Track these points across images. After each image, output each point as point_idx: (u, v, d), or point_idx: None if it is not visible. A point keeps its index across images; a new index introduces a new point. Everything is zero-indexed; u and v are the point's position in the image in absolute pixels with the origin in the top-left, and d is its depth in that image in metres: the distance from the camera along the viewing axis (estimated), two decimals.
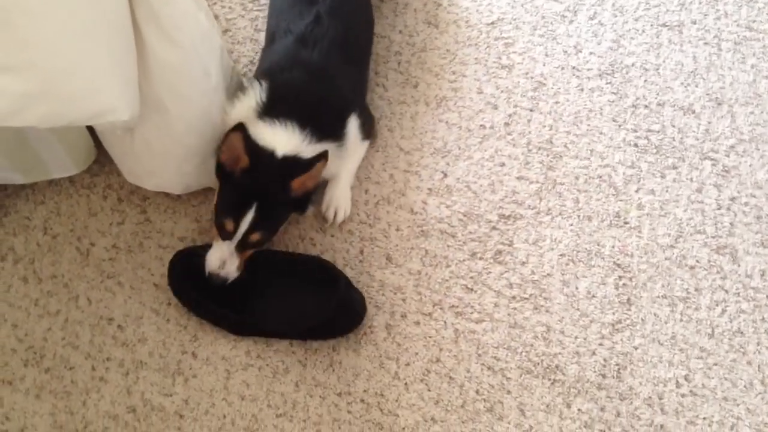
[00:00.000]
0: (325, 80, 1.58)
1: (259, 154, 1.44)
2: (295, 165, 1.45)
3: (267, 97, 1.52)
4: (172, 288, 1.57)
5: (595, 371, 1.50)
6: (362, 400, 1.48)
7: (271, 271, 1.55)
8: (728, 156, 1.73)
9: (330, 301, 1.46)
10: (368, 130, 1.69)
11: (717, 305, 1.56)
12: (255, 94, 1.53)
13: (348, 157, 1.64)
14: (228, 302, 1.53)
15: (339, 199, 1.64)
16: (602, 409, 1.46)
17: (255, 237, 1.46)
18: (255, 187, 1.44)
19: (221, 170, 1.48)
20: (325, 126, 1.52)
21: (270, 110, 1.50)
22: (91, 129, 1.63)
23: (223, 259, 1.47)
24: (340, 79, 1.60)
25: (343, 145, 1.58)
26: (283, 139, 1.47)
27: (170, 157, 1.53)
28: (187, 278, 1.55)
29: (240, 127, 1.40)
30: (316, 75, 1.57)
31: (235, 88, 1.58)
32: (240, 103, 1.54)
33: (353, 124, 1.61)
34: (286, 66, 1.58)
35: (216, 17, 1.89)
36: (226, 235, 1.46)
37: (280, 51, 1.62)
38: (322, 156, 1.44)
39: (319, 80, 1.57)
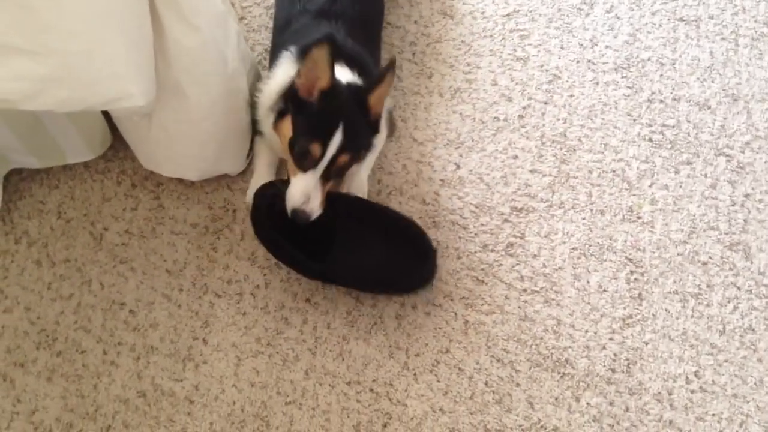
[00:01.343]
0: (353, 41, 1.57)
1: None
2: (363, 87, 1.42)
3: (301, 52, 1.50)
4: (254, 227, 1.53)
5: (604, 365, 1.50)
6: (371, 390, 1.48)
7: (357, 220, 1.51)
8: (743, 152, 1.72)
9: (417, 272, 1.50)
10: (386, 117, 1.69)
11: (729, 302, 1.56)
12: (289, 60, 1.52)
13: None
14: (308, 248, 1.49)
15: (356, 189, 1.64)
16: (611, 404, 1.46)
17: (343, 159, 1.40)
18: (338, 107, 1.39)
19: (294, 100, 1.42)
20: (367, 73, 1.51)
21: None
22: (106, 114, 1.64)
23: (307, 193, 1.39)
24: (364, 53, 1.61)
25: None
26: (339, 74, 1.44)
27: (187, 143, 1.53)
28: (269, 218, 1.50)
29: (328, 40, 1.34)
30: (344, 37, 1.56)
31: (252, 78, 1.58)
32: (273, 77, 1.53)
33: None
34: (312, 34, 1.56)
35: (232, 5, 1.89)
36: (309, 164, 1.39)
37: (300, 29, 1.61)
38: (390, 66, 1.38)
39: (351, 43, 1.57)
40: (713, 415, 1.45)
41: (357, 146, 1.43)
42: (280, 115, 1.47)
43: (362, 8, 1.64)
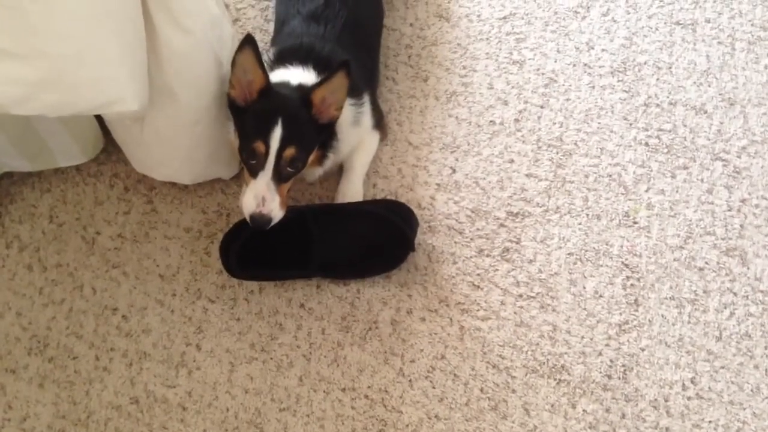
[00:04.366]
0: (337, 48, 1.57)
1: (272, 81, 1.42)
2: (312, 86, 1.40)
3: (276, 55, 1.53)
4: (235, 277, 1.56)
5: (600, 372, 1.49)
6: (366, 396, 1.47)
7: (328, 215, 1.54)
8: (740, 157, 1.71)
9: (401, 240, 1.54)
10: (379, 120, 1.68)
11: (725, 308, 1.55)
12: (264, 58, 1.50)
13: (360, 149, 1.64)
14: (290, 262, 1.53)
15: (351, 193, 1.63)
16: (607, 410, 1.46)
17: (290, 153, 1.37)
18: (277, 102, 1.39)
19: (234, 107, 1.43)
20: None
21: (281, 61, 1.51)
22: (99, 117, 1.63)
23: (260, 195, 1.37)
24: (352, 58, 1.59)
25: (361, 110, 1.56)
26: (297, 75, 1.45)
27: (179, 147, 1.52)
28: (244, 262, 1.53)
29: (248, 42, 1.33)
30: (329, 43, 1.56)
31: None
32: None
33: (367, 102, 1.60)
34: (297, 38, 1.57)
35: (226, 6, 1.87)
36: (257, 166, 1.38)
37: (289, 32, 1.61)
38: (344, 65, 1.36)
39: (332, 46, 1.56)
40: (710, 422, 1.45)
41: (302, 139, 1.40)
42: (233, 111, 1.47)
43: (357, 12, 1.63)
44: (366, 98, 1.59)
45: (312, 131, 1.43)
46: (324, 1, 1.60)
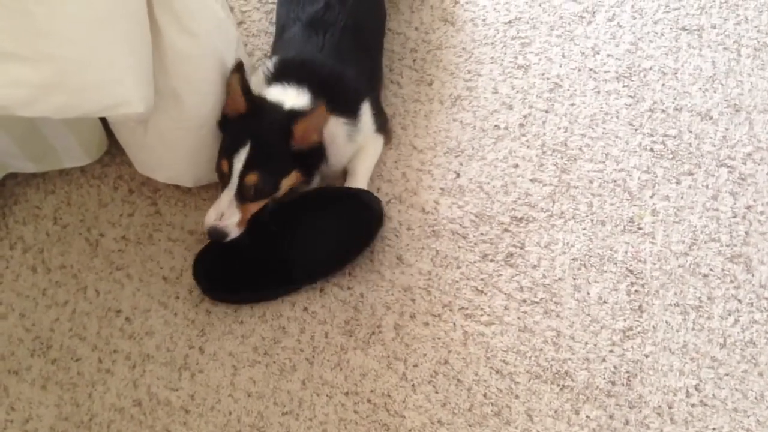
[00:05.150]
0: (336, 60, 1.58)
1: (262, 102, 1.46)
2: (292, 114, 1.44)
3: (275, 67, 1.54)
4: (208, 296, 1.57)
5: (604, 378, 1.48)
6: (369, 401, 1.47)
7: (290, 216, 1.55)
8: (745, 163, 1.71)
9: (347, 214, 1.56)
10: (382, 124, 1.68)
11: (730, 315, 1.55)
12: (264, 68, 1.56)
13: (363, 153, 1.63)
14: (263, 283, 1.55)
15: None
16: (611, 417, 1.45)
17: (251, 179, 1.41)
18: (250, 127, 1.43)
19: (222, 122, 1.49)
20: (338, 100, 1.51)
21: (279, 77, 1.52)
22: (103, 119, 1.63)
23: (220, 210, 1.43)
24: (353, 63, 1.60)
25: (356, 127, 1.58)
26: (292, 96, 1.48)
27: (183, 149, 1.52)
28: (216, 282, 1.55)
29: (237, 69, 1.41)
30: (328, 55, 1.58)
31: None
32: (251, 81, 1.54)
33: (366, 111, 1.61)
34: (296, 48, 1.59)
35: (231, 9, 1.88)
36: (223, 182, 1.44)
37: (289, 39, 1.61)
38: (322, 104, 1.41)
39: (331, 59, 1.57)
40: (713, 429, 1.44)
41: (267, 166, 1.43)
42: (220, 123, 1.52)
43: (359, 17, 1.63)
44: (363, 111, 1.60)
45: (285, 159, 1.46)
46: (324, 4, 1.60)
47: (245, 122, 1.44)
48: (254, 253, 1.52)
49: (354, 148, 1.62)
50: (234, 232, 1.45)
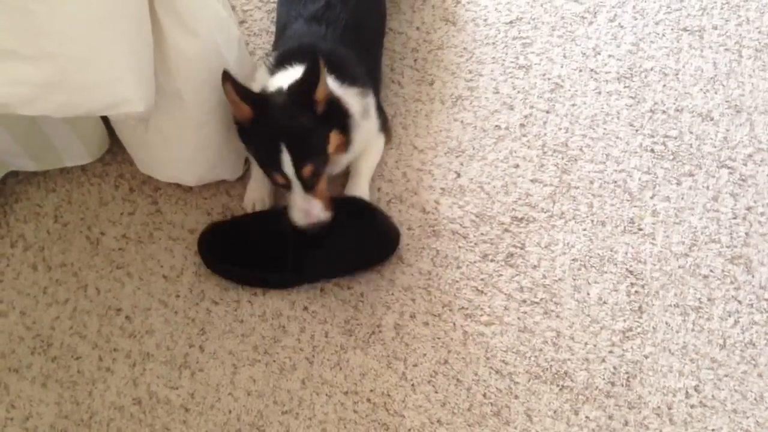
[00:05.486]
0: (339, 46, 1.57)
1: (265, 98, 1.43)
2: (302, 84, 1.40)
3: (277, 58, 1.53)
4: (210, 269, 1.58)
5: (604, 379, 1.48)
6: (368, 400, 1.47)
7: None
8: (746, 165, 1.70)
9: (367, 234, 1.54)
10: (383, 123, 1.68)
11: (729, 316, 1.55)
12: (267, 62, 1.55)
13: (366, 152, 1.63)
14: (268, 263, 1.54)
15: (357, 196, 1.62)
16: (610, 418, 1.45)
17: (308, 171, 1.40)
18: (273, 127, 1.40)
19: (241, 131, 1.47)
20: (344, 73, 1.50)
21: (282, 64, 1.50)
22: (104, 117, 1.63)
23: (303, 209, 1.43)
24: (354, 58, 1.59)
25: (367, 97, 1.56)
26: (294, 75, 1.44)
27: (184, 148, 1.52)
28: (220, 255, 1.56)
29: (225, 77, 1.36)
30: (330, 42, 1.57)
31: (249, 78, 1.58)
32: (255, 78, 1.54)
33: (371, 101, 1.60)
34: (298, 40, 1.58)
35: (233, 8, 1.88)
36: (286, 188, 1.44)
37: (291, 35, 1.61)
38: (314, 59, 1.36)
39: (333, 44, 1.57)
40: (713, 430, 1.44)
41: (312, 149, 1.42)
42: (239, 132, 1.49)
43: (359, 14, 1.63)
44: (369, 98, 1.59)
45: (317, 128, 1.43)
46: (325, 2, 1.60)
47: (263, 125, 1.40)
48: (268, 237, 1.53)
49: (366, 131, 1.59)
50: (326, 215, 1.46)
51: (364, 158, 1.65)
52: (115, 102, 1.23)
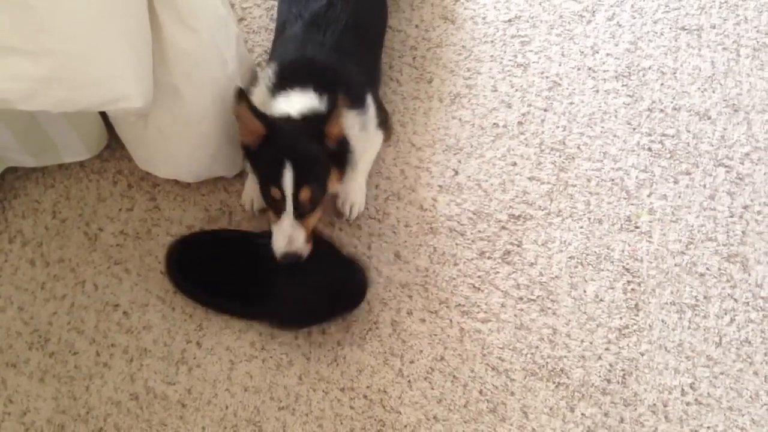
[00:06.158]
0: (338, 55, 1.57)
1: (278, 120, 1.43)
2: (317, 117, 1.42)
3: (277, 75, 1.52)
4: (175, 285, 1.57)
5: (600, 376, 1.49)
6: (365, 396, 1.47)
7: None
8: (743, 163, 1.71)
9: (336, 282, 1.50)
10: (383, 120, 1.68)
11: (726, 314, 1.55)
12: (265, 78, 1.53)
13: (363, 150, 1.63)
14: (235, 292, 1.53)
15: (355, 193, 1.63)
16: (606, 415, 1.46)
17: (306, 194, 1.40)
18: (282, 146, 1.40)
19: (248, 154, 1.46)
20: (345, 93, 1.49)
21: (282, 85, 1.50)
22: (103, 114, 1.63)
23: (288, 235, 1.41)
24: (354, 60, 1.59)
25: (367, 116, 1.57)
26: (300, 102, 1.45)
27: (182, 145, 1.52)
28: (189, 274, 1.55)
29: (240, 97, 1.37)
30: (329, 52, 1.56)
31: (249, 80, 1.58)
32: (254, 93, 1.53)
33: (371, 103, 1.60)
34: (297, 47, 1.57)
35: (232, 5, 1.88)
36: (279, 209, 1.42)
37: (290, 37, 1.61)
38: (340, 97, 1.39)
39: (332, 55, 1.56)
40: (708, 428, 1.45)
41: (315, 176, 1.42)
42: (247, 155, 1.49)
43: (361, 14, 1.63)
44: (369, 102, 1.59)
45: (324, 160, 1.45)
46: (327, 1, 1.60)
47: (273, 145, 1.41)
48: (239, 268, 1.52)
49: (364, 141, 1.60)
50: (305, 250, 1.44)
51: (361, 155, 1.65)
52: (114, 98, 1.23)
